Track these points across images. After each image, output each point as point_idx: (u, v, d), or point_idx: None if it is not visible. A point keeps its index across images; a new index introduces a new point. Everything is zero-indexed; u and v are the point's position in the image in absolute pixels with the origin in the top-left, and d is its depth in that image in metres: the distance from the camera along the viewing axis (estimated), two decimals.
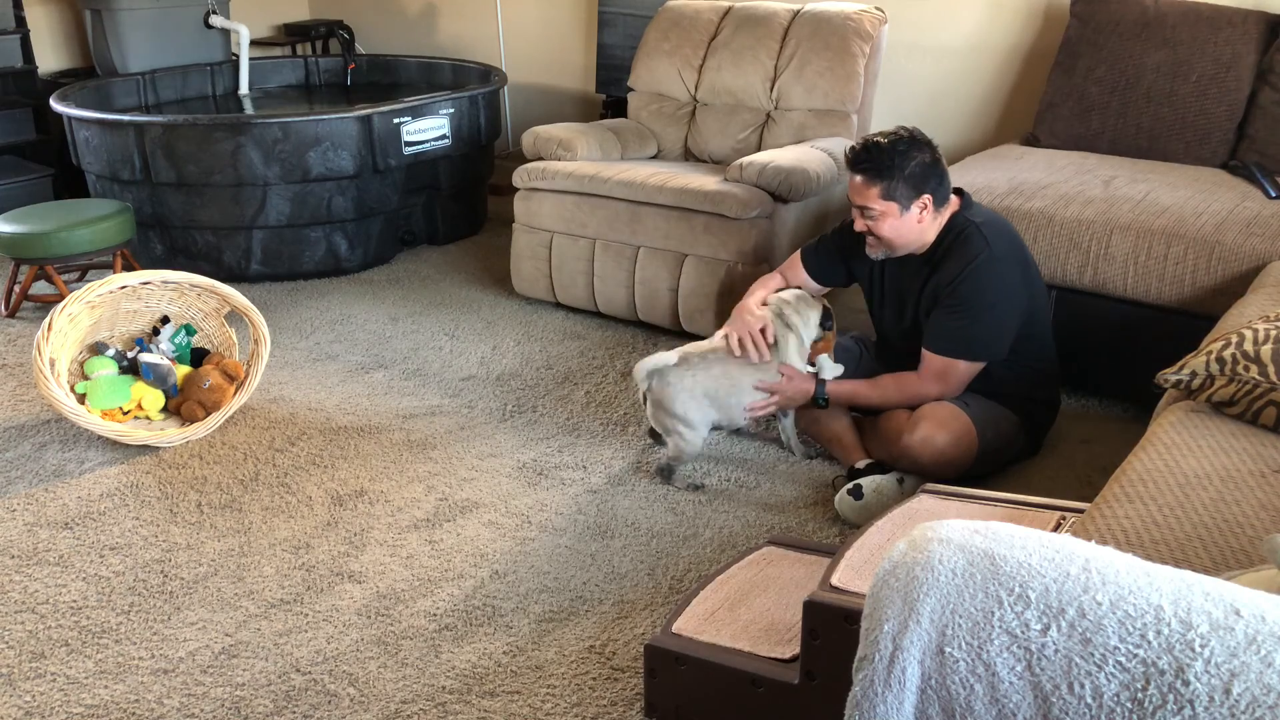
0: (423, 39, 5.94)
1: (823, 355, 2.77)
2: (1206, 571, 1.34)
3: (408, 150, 4.27)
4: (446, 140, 4.42)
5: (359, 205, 4.24)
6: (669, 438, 2.70)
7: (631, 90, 4.24)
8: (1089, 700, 0.94)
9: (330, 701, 2.00)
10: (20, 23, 5.10)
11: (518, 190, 3.85)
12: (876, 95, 3.94)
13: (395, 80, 5.47)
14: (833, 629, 1.65)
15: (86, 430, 2.97)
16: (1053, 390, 2.82)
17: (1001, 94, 4.17)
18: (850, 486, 2.56)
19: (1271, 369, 1.89)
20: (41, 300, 4.05)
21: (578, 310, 3.90)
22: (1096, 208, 2.95)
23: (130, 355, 3.23)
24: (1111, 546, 1.06)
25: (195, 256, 4.25)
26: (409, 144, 4.27)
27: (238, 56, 5.27)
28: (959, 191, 2.64)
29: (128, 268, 4.04)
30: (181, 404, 3.11)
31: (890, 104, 4.23)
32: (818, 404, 2.72)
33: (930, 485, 2.19)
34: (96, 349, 3.23)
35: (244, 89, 5.28)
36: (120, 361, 3.21)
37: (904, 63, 4.30)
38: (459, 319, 3.88)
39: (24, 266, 3.98)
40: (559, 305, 3.94)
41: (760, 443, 2.95)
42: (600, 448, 2.94)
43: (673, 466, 2.73)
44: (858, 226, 2.62)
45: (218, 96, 5.31)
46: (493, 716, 1.96)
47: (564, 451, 2.92)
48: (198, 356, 3.29)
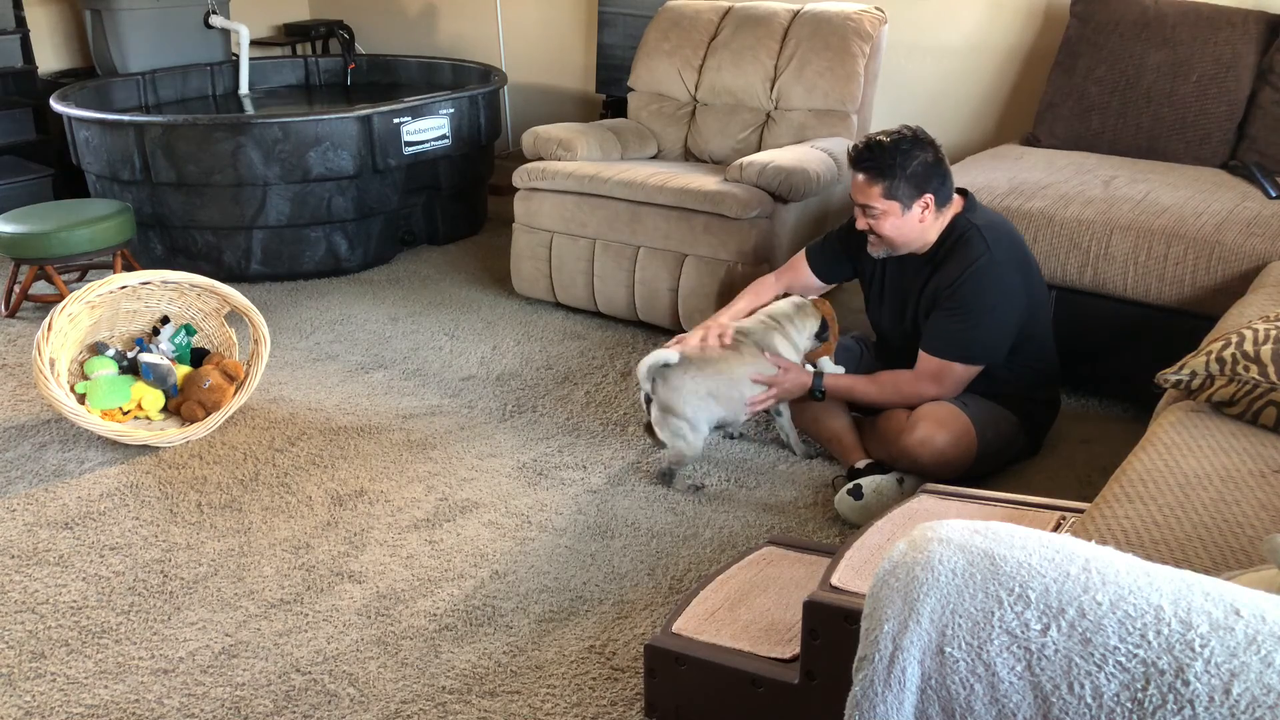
0: (423, 39, 5.95)
1: (823, 358, 2.78)
2: (1206, 571, 1.34)
3: (408, 150, 4.27)
4: (446, 140, 4.42)
5: (359, 205, 4.25)
6: (671, 441, 2.70)
7: (631, 90, 4.24)
8: (1089, 700, 0.94)
9: (330, 701, 2.00)
10: (20, 23, 5.10)
11: (518, 190, 3.85)
12: (876, 95, 3.94)
13: (395, 80, 5.47)
14: (833, 629, 1.65)
15: (86, 430, 2.97)
16: (1053, 390, 2.82)
17: (1001, 94, 4.17)
18: (850, 486, 2.56)
19: (1271, 369, 1.89)
20: (41, 300, 4.05)
21: (578, 310, 3.90)
22: (1096, 208, 2.95)
23: (130, 355, 3.23)
24: (1111, 546, 1.06)
25: (195, 256, 4.25)
26: (409, 144, 4.27)
27: (238, 56, 5.27)
28: (963, 192, 2.64)
29: (128, 268, 4.04)
30: (181, 404, 3.11)
31: (890, 104, 4.23)
32: (814, 396, 2.72)
33: (930, 485, 2.19)
34: (96, 349, 3.23)
35: (244, 89, 5.28)
36: (120, 361, 3.21)
37: (904, 63, 4.30)
38: (459, 319, 3.88)
39: (24, 266, 3.98)
40: (559, 305, 3.94)
41: (760, 443, 2.95)
42: (600, 448, 2.94)
43: (673, 470, 2.73)
44: (859, 225, 2.62)
45: (218, 96, 5.31)
46: (493, 716, 1.96)
47: (564, 451, 2.92)
48: (198, 356, 3.29)
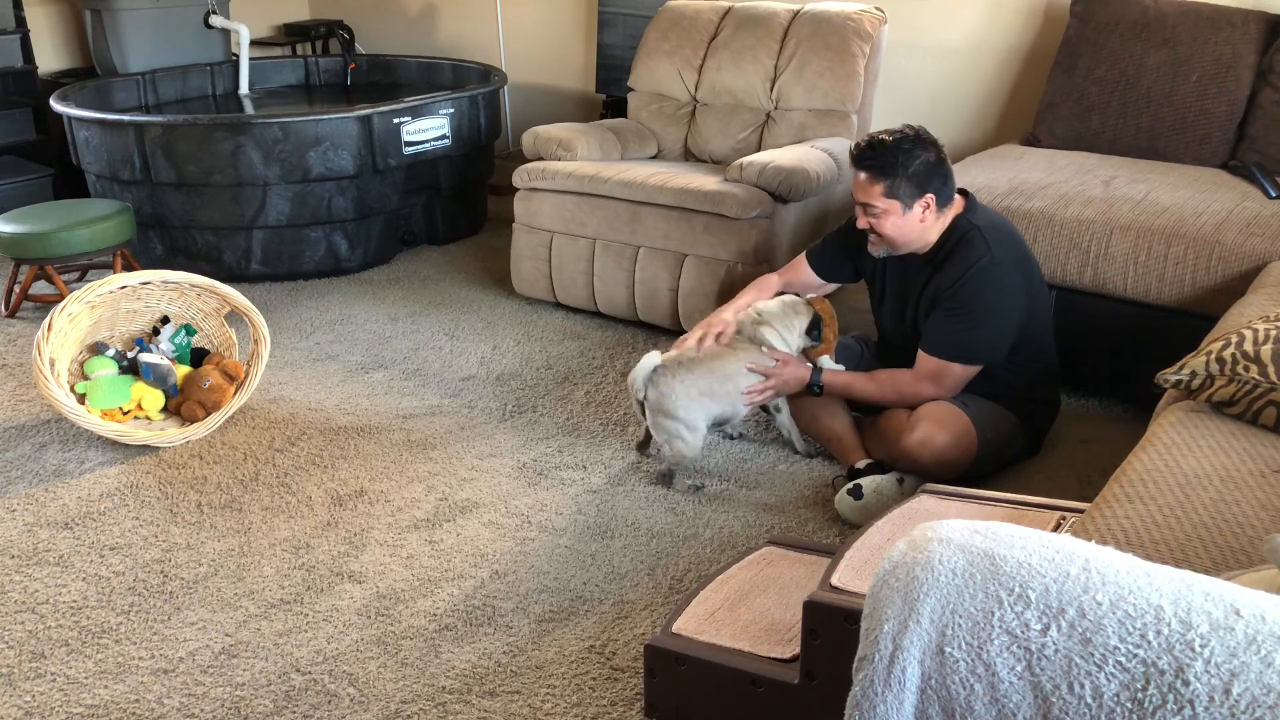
0: (423, 39, 5.95)
1: (823, 357, 2.78)
2: (1206, 571, 1.34)
3: (408, 150, 4.27)
4: (446, 140, 4.42)
5: (359, 205, 4.25)
6: (669, 444, 2.70)
7: (631, 90, 4.24)
8: (1089, 700, 0.94)
9: (330, 701, 2.00)
10: (20, 23, 5.10)
11: (518, 190, 3.85)
12: (876, 95, 3.94)
13: (395, 80, 5.47)
14: (833, 629, 1.65)
15: (86, 430, 2.97)
16: (1053, 390, 2.82)
17: (1001, 94, 4.17)
18: (850, 486, 2.56)
19: (1271, 369, 1.89)
20: (41, 300, 4.05)
21: (578, 310, 3.90)
22: (1096, 208, 2.95)
23: (130, 355, 3.23)
24: (1111, 546, 1.06)
25: (195, 256, 4.25)
26: (409, 144, 4.27)
27: (238, 56, 5.27)
28: (964, 193, 2.64)
29: (128, 268, 4.04)
30: (181, 404, 3.11)
31: (890, 104, 4.23)
32: (812, 391, 2.72)
33: (930, 485, 2.19)
34: (96, 349, 3.23)
35: (244, 89, 5.28)
36: (120, 361, 3.21)
37: (904, 63, 4.30)
38: (459, 319, 3.88)
39: (24, 266, 3.98)
40: (559, 305, 3.94)
41: (760, 443, 2.95)
42: (600, 448, 2.94)
43: (673, 472, 2.73)
44: (860, 223, 2.62)
45: (218, 96, 5.31)
46: (493, 716, 1.96)
47: (564, 451, 2.92)
48: (198, 356, 3.29)
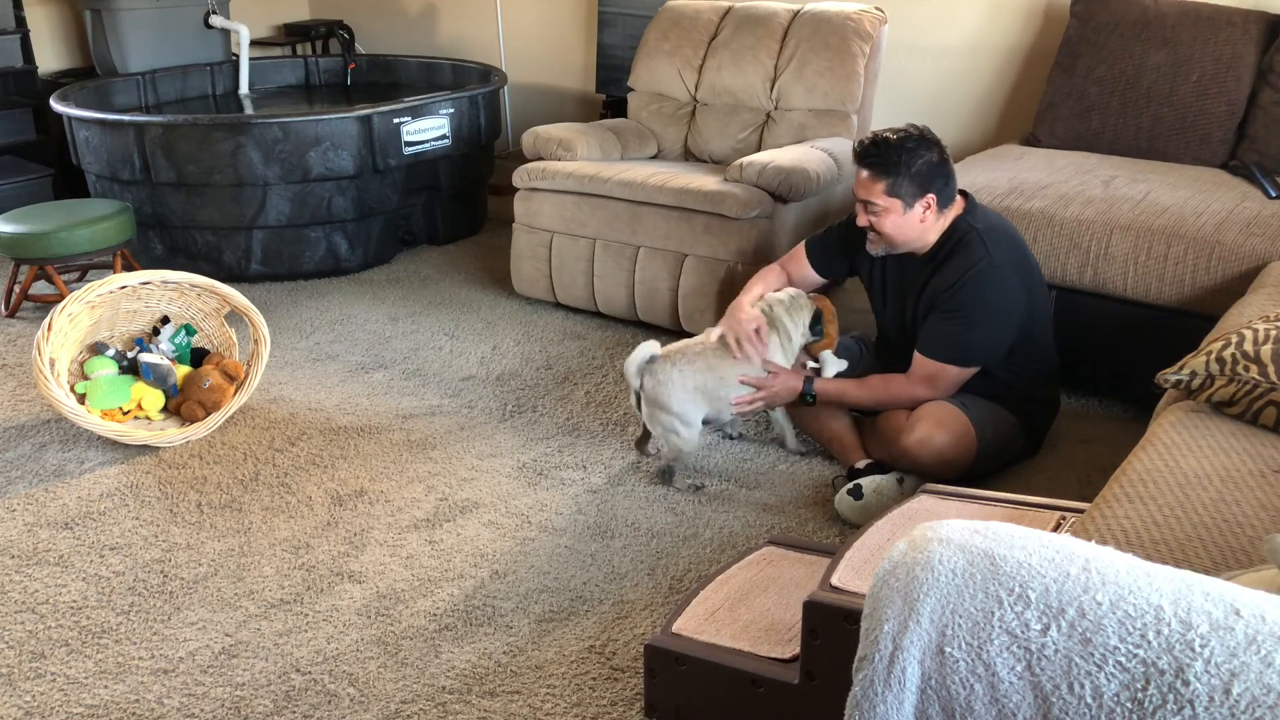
0: (423, 39, 5.95)
1: (825, 352, 2.77)
2: (1206, 571, 1.34)
3: (408, 150, 4.27)
4: (446, 140, 4.42)
5: (359, 205, 4.24)
6: (666, 438, 2.70)
7: (631, 90, 4.24)
8: (1089, 700, 0.94)
9: (330, 701, 2.00)
10: (20, 23, 5.10)
11: (518, 190, 3.85)
12: (876, 95, 3.94)
13: (395, 80, 5.46)
14: (833, 629, 1.65)
15: (86, 430, 2.97)
16: (1053, 390, 2.82)
17: (1001, 94, 4.17)
18: (850, 486, 2.56)
19: (1271, 369, 1.89)
20: (41, 300, 4.05)
21: (578, 310, 3.90)
22: (1096, 208, 2.95)
23: (130, 355, 3.23)
24: (1111, 546, 1.06)
25: (195, 256, 4.25)
26: (409, 144, 4.27)
27: (238, 56, 5.27)
28: (964, 194, 2.64)
29: (128, 268, 4.04)
30: (181, 404, 3.11)
31: (890, 104, 4.23)
32: (805, 401, 2.72)
33: (930, 485, 2.19)
34: (96, 349, 3.23)
35: (244, 89, 5.28)
36: (120, 361, 3.21)
37: (904, 63, 4.30)
38: (459, 319, 3.88)
39: (24, 266, 3.98)
40: (559, 305, 3.94)
41: (760, 443, 2.95)
42: (600, 448, 2.94)
43: (672, 468, 2.73)
44: (860, 221, 2.62)
45: (218, 96, 5.31)
46: (493, 716, 1.96)
47: (564, 451, 2.92)
48: (198, 356, 3.29)
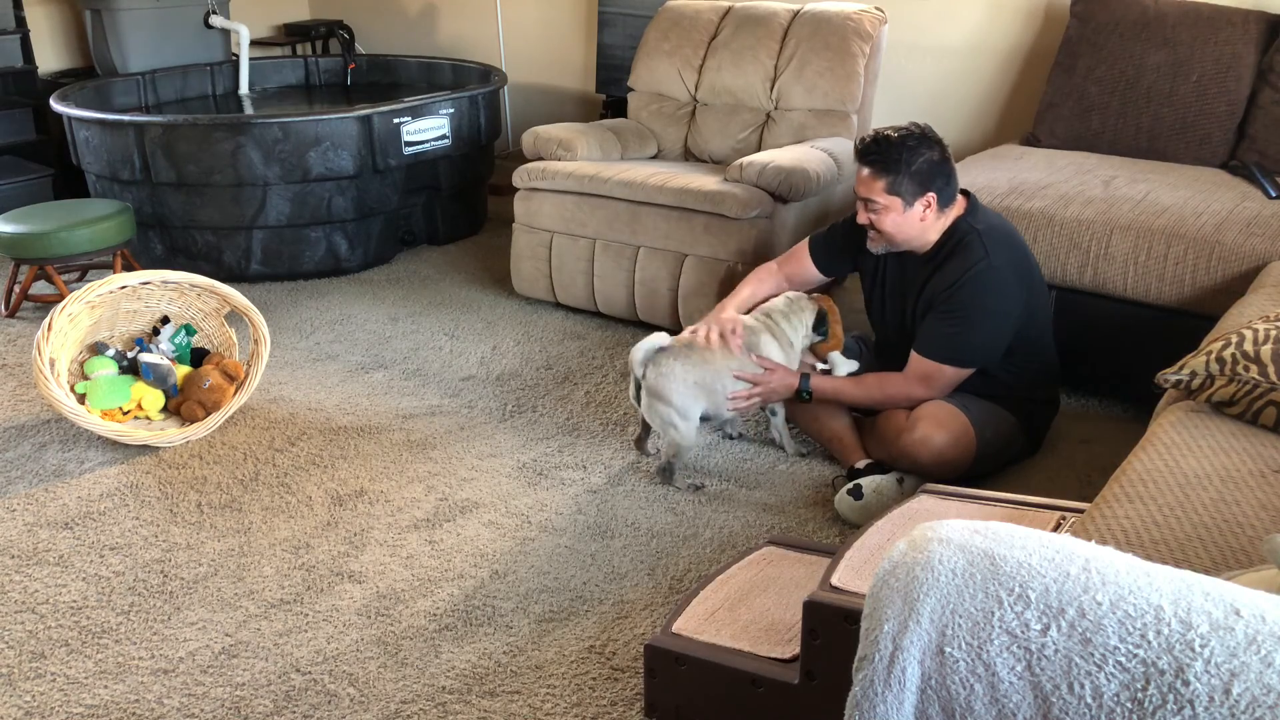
0: (423, 39, 5.95)
1: (834, 353, 2.77)
2: (1206, 571, 1.34)
3: (408, 150, 4.27)
4: (446, 140, 4.42)
5: (359, 205, 4.24)
6: (664, 430, 2.70)
7: (631, 90, 4.24)
8: (1089, 700, 0.94)
9: (330, 701, 2.00)
10: (20, 23, 5.10)
11: (518, 190, 3.85)
12: (876, 95, 3.94)
13: (395, 80, 5.46)
14: (833, 629, 1.65)
15: (86, 430, 2.97)
16: (1052, 390, 2.82)
17: (1001, 94, 4.17)
18: (850, 486, 2.56)
19: (1271, 369, 1.89)
20: (41, 300, 4.05)
21: (578, 310, 3.90)
22: (1096, 208, 2.95)
23: (130, 355, 3.23)
24: (1111, 546, 1.06)
25: (195, 256, 4.25)
26: (409, 144, 4.27)
27: (238, 56, 5.27)
28: (966, 194, 2.64)
29: (128, 268, 4.04)
30: (181, 404, 3.11)
31: (890, 104, 4.23)
32: (801, 398, 2.72)
33: (930, 485, 2.19)
34: (96, 349, 3.23)
35: (244, 89, 5.28)
36: (120, 361, 3.21)
37: (904, 63, 4.30)
38: (459, 319, 3.88)
39: (24, 266, 3.98)
40: (559, 305, 3.94)
41: (760, 443, 2.95)
42: (600, 448, 2.94)
43: (672, 465, 2.73)
44: (860, 219, 2.62)
45: (218, 96, 5.31)
46: (493, 716, 1.96)
47: (564, 451, 2.92)
48: (198, 356, 3.29)
